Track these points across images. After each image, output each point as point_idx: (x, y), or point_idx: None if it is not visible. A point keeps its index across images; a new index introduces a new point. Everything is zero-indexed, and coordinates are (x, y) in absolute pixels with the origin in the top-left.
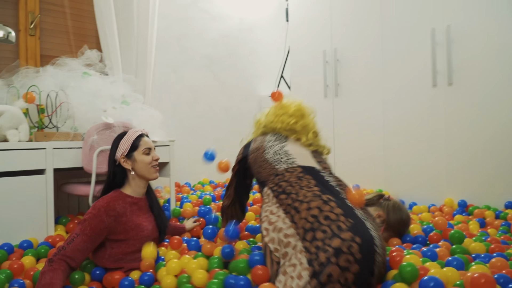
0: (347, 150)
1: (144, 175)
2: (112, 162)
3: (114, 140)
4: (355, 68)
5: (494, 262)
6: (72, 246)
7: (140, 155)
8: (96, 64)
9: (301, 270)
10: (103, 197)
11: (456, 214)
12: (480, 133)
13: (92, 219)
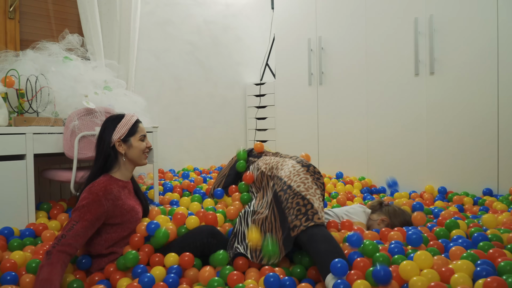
0: (331, 137)
1: (135, 160)
2: (105, 144)
3: (106, 122)
4: (340, 57)
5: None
6: (73, 233)
7: (136, 141)
8: (78, 49)
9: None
10: (96, 181)
11: (437, 201)
12: (460, 122)
13: (91, 204)
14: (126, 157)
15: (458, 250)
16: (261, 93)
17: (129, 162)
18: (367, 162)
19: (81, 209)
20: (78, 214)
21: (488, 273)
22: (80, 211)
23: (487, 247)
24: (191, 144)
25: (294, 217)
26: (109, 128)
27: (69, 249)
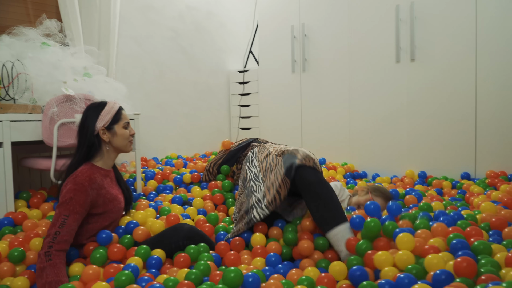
0: (314, 124)
1: (121, 148)
2: (88, 133)
3: (88, 110)
4: (323, 44)
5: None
6: (67, 229)
7: (120, 128)
8: (56, 34)
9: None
10: (79, 170)
11: (417, 185)
12: (440, 108)
13: (78, 195)
14: (110, 145)
15: (440, 226)
16: (244, 80)
17: (113, 150)
18: (350, 148)
19: (69, 202)
20: (68, 208)
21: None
22: (69, 204)
23: (464, 225)
24: (174, 131)
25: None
26: (91, 116)
27: (66, 246)
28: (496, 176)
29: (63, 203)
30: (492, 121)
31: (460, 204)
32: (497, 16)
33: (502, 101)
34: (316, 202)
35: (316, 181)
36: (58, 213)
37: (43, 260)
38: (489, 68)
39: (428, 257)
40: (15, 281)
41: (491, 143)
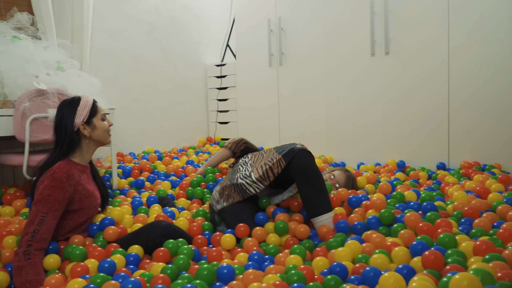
0: (291, 117)
1: (101, 140)
2: (67, 130)
3: (63, 107)
4: (299, 37)
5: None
6: (46, 227)
7: (99, 121)
8: (28, 28)
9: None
10: (56, 166)
11: (398, 172)
12: (414, 100)
13: (57, 192)
14: (91, 139)
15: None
16: (222, 74)
17: (93, 144)
18: (327, 140)
19: (47, 199)
20: (46, 205)
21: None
22: (47, 202)
23: (434, 217)
24: (151, 126)
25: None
26: (68, 113)
27: (45, 244)
28: (470, 167)
29: (41, 200)
30: (465, 113)
31: (435, 194)
32: (469, 8)
33: (474, 93)
34: (310, 187)
35: (314, 168)
36: (36, 211)
37: (21, 259)
38: (462, 60)
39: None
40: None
41: (464, 134)
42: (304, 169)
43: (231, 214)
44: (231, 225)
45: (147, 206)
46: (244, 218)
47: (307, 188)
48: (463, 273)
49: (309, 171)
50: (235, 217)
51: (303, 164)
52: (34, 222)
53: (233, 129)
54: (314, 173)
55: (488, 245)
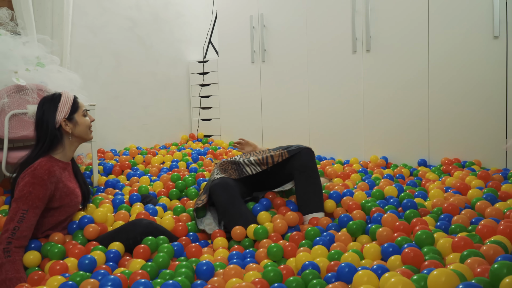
0: (274, 114)
1: (83, 136)
2: (49, 126)
3: (44, 104)
4: (281, 34)
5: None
6: (26, 224)
7: (80, 117)
8: (7, 23)
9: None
10: (37, 163)
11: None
12: (394, 96)
13: (37, 189)
14: (73, 135)
15: (390, 217)
16: (204, 71)
17: (75, 140)
18: (309, 136)
19: (28, 196)
20: (26, 202)
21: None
22: (28, 199)
23: (412, 214)
24: (133, 123)
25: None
26: (49, 109)
27: (25, 242)
28: (451, 163)
29: (21, 197)
30: (445, 110)
31: (417, 189)
32: (448, 7)
33: (454, 90)
34: (308, 185)
35: (315, 167)
36: (16, 208)
37: (1, 256)
38: (442, 57)
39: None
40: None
41: (444, 131)
42: (307, 166)
43: (223, 186)
44: (219, 198)
45: (129, 204)
46: (234, 194)
47: (305, 185)
48: (441, 269)
49: (311, 169)
50: (226, 190)
51: (306, 162)
52: (14, 219)
53: (215, 126)
54: (315, 172)
55: (466, 242)
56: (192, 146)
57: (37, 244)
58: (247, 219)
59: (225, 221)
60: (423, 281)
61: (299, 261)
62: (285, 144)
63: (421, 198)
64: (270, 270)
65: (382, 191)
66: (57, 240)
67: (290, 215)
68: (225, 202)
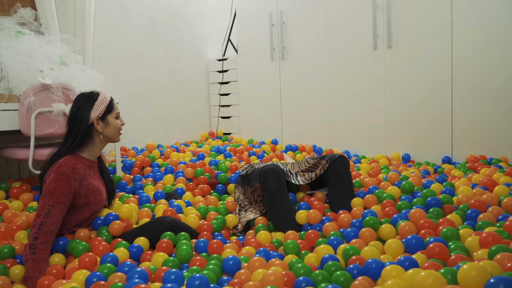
0: (293, 111)
1: (111, 138)
2: (82, 123)
3: (80, 100)
4: (301, 31)
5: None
6: (52, 219)
7: (113, 118)
8: (31, 23)
9: None
10: (62, 161)
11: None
12: (417, 93)
13: (62, 185)
14: (103, 135)
15: (417, 212)
16: (223, 69)
17: (104, 140)
18: (329, 134)
19: (53, 192)
20: (52, 198)
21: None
22: (53, 195)
23: (436, 213)
24: (153, 121)
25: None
26: (85, 106)
27: (51, 237)
28: (476, 160)
29: (47, 193)
30: (469, 106)
31: (444, 184)
32: (472, 1)
33: (478, 86)
34: (344, 189)
35: (349, 172)
36: (42, 204)
37: (27, 252)
38: (465, 52)
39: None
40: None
41: (468, 128)
42: (342, 173)
43: (275, 172)
44: (270, 182)
45: (154, 202)
46: (283, 182)
47: (340, 189)
48: (472, 263)
49: (346, 175)
50: (276, 176)
51: (342, 169)
52: (40, 215)
53: (235, 124)
54: (349, 177)
55: (494, 237)
56: (211, 143)
57: (65, 241)
58: (290, 207)
59: (269, 205)
60: (451, 274)
61: (320, 253)
62: (305, 142)
63: (449, 194)
64: (296, 261)
65: (412, 183)
66: (83, 237)
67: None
68: (274, 187)
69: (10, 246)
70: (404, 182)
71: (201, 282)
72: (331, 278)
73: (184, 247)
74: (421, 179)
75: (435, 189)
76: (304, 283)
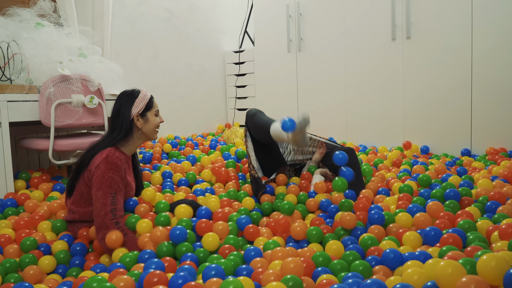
0: (310, 103)
1: (149, 135)
2: (124, 118)
3: (122, 97)
4: (318, 23)
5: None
6: (119, 206)
7: (152, 115)
8: (50, 15)
9: None
10: (108, 152)
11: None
12: (436, 85)
13: (116, 174)
14: (142, 131)
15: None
16: (240, 61)
17: (142, 137)
18: (346, 126)
19: (111, 181)
20: (111, 186)
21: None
22: (111, 183)
23: (452, 205)
24: (170, 113)
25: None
26: (126, 103)
27: (123, 221)
28: (496, 153)
29: (104, 183)
30: (488, 98)
31: (463, 177)
32: None
33: (497, 79)
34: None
35: (358, 164)
36: (103, 194)
37: (120, 236)
38: (485, 43)
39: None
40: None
41: (488, 120)
42: (351, 164)
43: (260, 111)
44: (258, 118)
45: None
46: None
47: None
48: (491, 253)
49: (355, 166)
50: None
51: (350, 160)
52: (106, 204)
53: None
54: (358, 168)
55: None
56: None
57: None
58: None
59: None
60: (470, 265)
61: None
62: (321, 135)
63: (467, 187)
64: (319, 255)
65: (430, 176)
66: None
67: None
68: (265, 119)
69: (33, 239)
70: (421, 175)
71: (216, 273)
72: (350, 268)
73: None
74: (440, 172)
75: (453, 181)
76: (322, 273)
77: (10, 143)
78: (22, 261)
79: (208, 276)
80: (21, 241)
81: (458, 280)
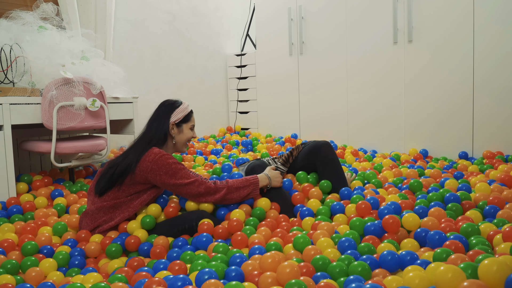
0: (312, 106)
1: (179, 146)
2: (163, 124)
3: (163, 105)
4: (320, 26)
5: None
6: (198, 182)
7: (187, 128)
8: (53, 18)
9: None
10: (156, 150)
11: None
12: (437, 88)
13: (173, 159)
14: (175, 140)
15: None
16: (242, 64)
17: (173, 147)
18: (347, 129)
19: (179, 171)
20: (178, 167)
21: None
22: (177, 165)
23: (454, 208)
24: None
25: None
26: (166, 111)
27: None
28: (493, 156)
29: (171, 169)
30: (490, 102)
31: (460, 181)
32: None
33: (499, 82)
34: (334, 176)
35: (337, 159)
36: (181, 175)
37: (222, 190)
38: (487, 48)
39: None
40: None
41: (488, 125)
42: (328, 159)
43: (262, 166)
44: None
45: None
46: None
47: (330, 177)
48: (493, 258)
49: (333, 161)
50: (262, 169)
51: (327, 155)
52: (191, 177)
53: (253, 119)
54: (337, 164)
55: None
56: (230, 139)
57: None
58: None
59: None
60: (471, 269)
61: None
62: (322, 138)
63: (465, 191)
64: (319, 258)
65: (421, 182)
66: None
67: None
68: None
69: (34, 243)
70: (412, 181)
71: (210, 277)
72: (349, 269)
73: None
74: (437, 177)
75: (450, 185)
76: (322, 278)
77: (12, 146)
78: (23, 263)
79: (202, 280)
80: (22, 245)
81: (458, 284)
